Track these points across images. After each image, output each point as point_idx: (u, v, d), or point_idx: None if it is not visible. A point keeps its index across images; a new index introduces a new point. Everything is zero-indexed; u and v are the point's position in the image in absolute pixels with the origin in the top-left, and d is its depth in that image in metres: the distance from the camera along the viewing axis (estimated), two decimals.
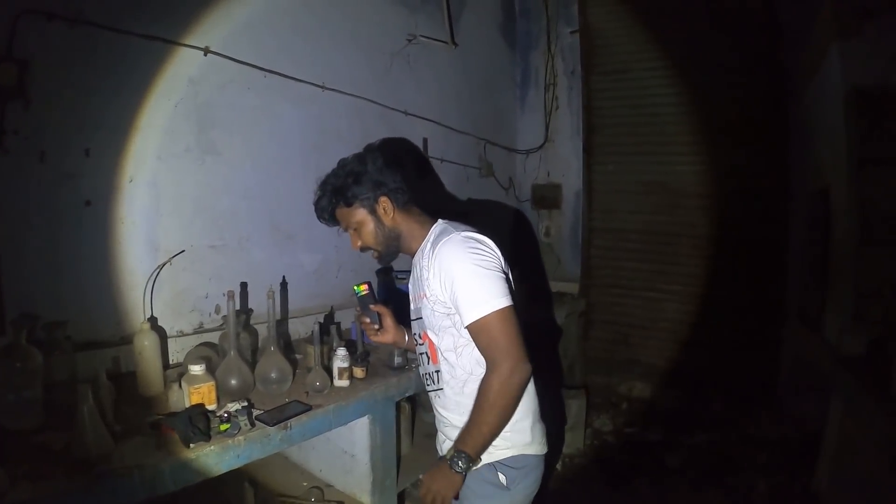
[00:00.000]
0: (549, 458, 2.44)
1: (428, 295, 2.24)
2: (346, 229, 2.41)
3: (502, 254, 2.22)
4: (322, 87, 3.84)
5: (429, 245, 2.25)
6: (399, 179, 2.35)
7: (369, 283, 2.59)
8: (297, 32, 3.69)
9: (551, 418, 2.51)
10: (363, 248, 2.39)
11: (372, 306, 2.57)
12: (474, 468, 2.13)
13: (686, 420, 5.40)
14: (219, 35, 3.20)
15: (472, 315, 2.05)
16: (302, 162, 3.73)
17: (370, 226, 2.33)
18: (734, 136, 5.52)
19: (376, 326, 2.58)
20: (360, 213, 2.32)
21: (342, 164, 2.37)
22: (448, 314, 2.19)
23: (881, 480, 3.01)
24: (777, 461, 4.56)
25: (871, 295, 3.81)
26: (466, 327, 2.10)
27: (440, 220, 2.35)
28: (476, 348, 2.15)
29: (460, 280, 2.07)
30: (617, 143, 6.19)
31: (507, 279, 2.17)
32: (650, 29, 5.82)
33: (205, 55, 3.14)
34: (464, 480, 2.13)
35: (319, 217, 2.43)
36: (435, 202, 2.43)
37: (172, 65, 3.02)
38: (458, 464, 2.07)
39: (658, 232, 5.98)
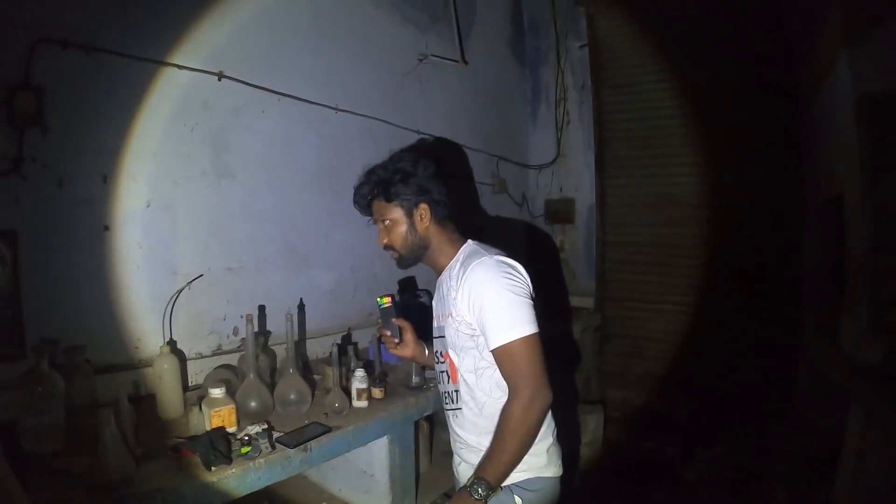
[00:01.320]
0: (565, 478, 2.43)
1: (454, 315, 2.22)
2: (376, 223, 2.40)
3: (530, 275, 2.21)
4: (335, 108, 3.89)
5: (458, 265, 2.23)
6: (443, 192, 2.33)
7: (393, 296, 2.59)
8: (309, 55, 3.74)
9: (567, 436, 2.49)
10: (387, 247, 2.38)
11: (394, 319, 2.56)
12: (494, 496, 2.13)
13: (704, 432, 5.37)
14: (232, 60, 3.25)
15: (499, 340, 2.04)
16: (316, 183, 3.78)
17: (402, 228, 2.31)
18: (746, 147, 5.49)
19: (396, 340, 2.57)
20: (397, 213, 2.30)
21: (394, 159, 2.36)
22: (472, 335, 2.18)
23: None
24: (796, 472, 4.52)
25: (888, 303, 3.79)
26: (491, 351, 2.09)
27: (470, 241, 2.33)
28: (496, 371, 2.14)
29: (490, 303, 2.07)
30: (629, 157, 6.16)
31: (535, 306, 2.15)
32: (659, 42, 5.81)
33: (219, 80, 3.18)
34: None
35: (356, 202, 2.42)
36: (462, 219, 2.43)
37: (187, 90, 3.06)
38: (477, 491, 2.04)
39: (672, 244, 5.95)
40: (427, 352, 2.62)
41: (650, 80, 5.93)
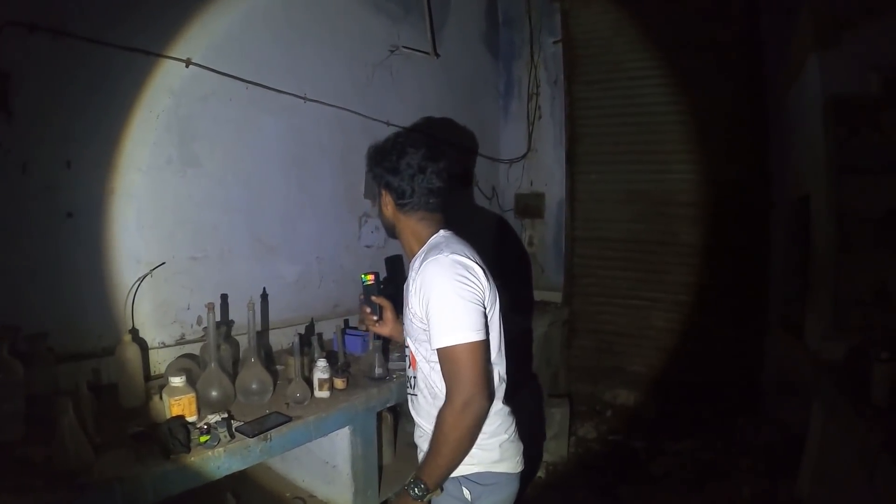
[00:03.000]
0: (526, 473, 2.43)
1: (410, 305, 2.23)
2: None
3: (489, 274, 2.21)
4: (304, 98, 3.86)
5: (421, 256, 2.23)
6: (413, 184, 2.30)
7: (376, 274, 2.63)
8: (278, 44, 3.71)
9: (533, 429, 2.50)
10: None
11: (374, 298, 2.60)
12: (433, 496, 2.13)
13: (670, 427, 5.41)
14: (200, 47, 3.21)
15: (441, 342, 2.04)
16: (283, 174, 3.76)
17: (377, 204, 2.43)
18: (716, 146, 5.55)
19: (375, 318, 2.62)
20: (376, 190, 2.42)
21: (389, 138, 2.42)
22: (424, 329, 2.18)
23: (861, 486, 3.03)
24: (760, 467, 4.57)
25: (851, 301, 3.84)
26: (435, 350, 2.10)
27: (441, 233, 2.32)
28: None
29: (436, 304, 2.06)
30: (600, 153, 6.20)
31: (485, 313, 2.14)
32: (633, 39, 5.84)
33: (186, 67, 3.15)
34: None
35: None
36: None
37: (154, 77, 3.02)
38: (414, 490, 2.06)
39: (641, 240, 6.00)
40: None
41: (623, 77, 5.97)
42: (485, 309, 2.14)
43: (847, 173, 3.85)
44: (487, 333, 2.12)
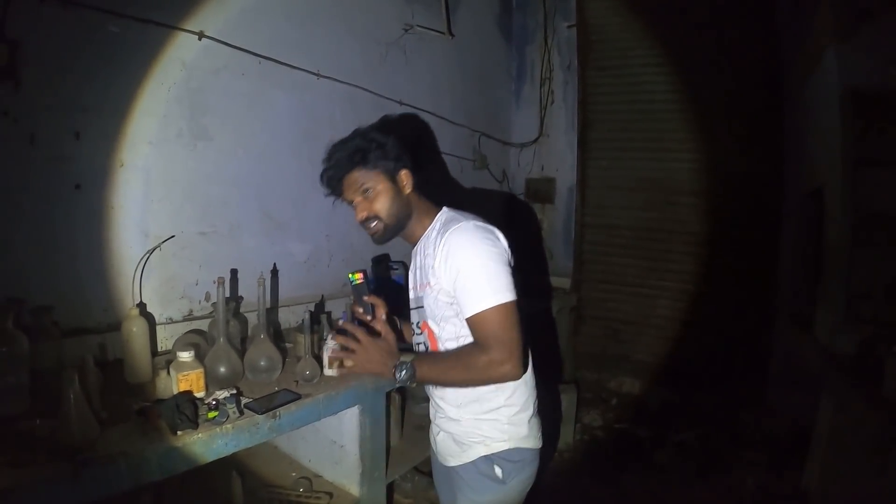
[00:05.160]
0: (545, 454, 2.43)
1: (432, 283, 2.21)
2: (350, 197, 2.34)
3: (509, 245, 2.20)
4: (317, 74, 3.82)
5: (435, 232, 2.23)
6: (412, 163, 2.32)
7: (365, 272, 2.56)
8: (292, 19, 3.67)
9: (547, 413, 2.49)
10: (369, 218, 2.31)
11: (366, 297, 2.54)
12: (468, 461, 2.12)
13: (675, 416, 5.41)
14: (213, 20, 3.17)
15: (475, 308, 2.02)
16: (294, 150, 3.72)
17: (388, 194, 2.27)
18: (729, 135, 5.52)
19: (369, 317, 2.55)
20: (381, 179, 2.27)
21: (361, 132, 2.34)
22: (451, 304, 2.17)
23: (871, 479, 3.02)
24: (766, 459, 4.56)
25: (863, 295, 3.82)
26: (467, 319, 2.08)
27: (445, 209, 2.33)
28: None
29: (467, 270, 2.05)
30: (612, 139, 6.16)
31: (513, 272, 2.15)
32: (648, 25, 5.79)
33: (199, 39, 3.11)
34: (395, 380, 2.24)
35: (330, 176, 2.35)
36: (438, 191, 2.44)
37: (166, 49, 2.99)
38: (402, 372, 2.15)
39: (651, 229, 5.98)
40: (401, 327, 2.61)
41: (637, 63, 5.93)
42: (512, 269, 2.13)
43: (863, 167, 3.82)
44: (518, 294, 2.11)
